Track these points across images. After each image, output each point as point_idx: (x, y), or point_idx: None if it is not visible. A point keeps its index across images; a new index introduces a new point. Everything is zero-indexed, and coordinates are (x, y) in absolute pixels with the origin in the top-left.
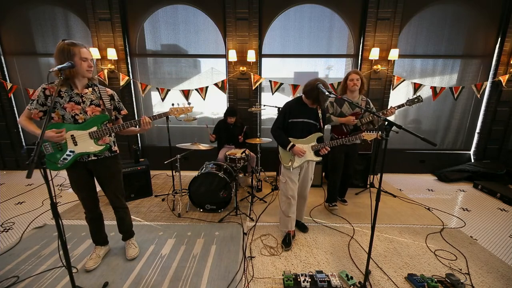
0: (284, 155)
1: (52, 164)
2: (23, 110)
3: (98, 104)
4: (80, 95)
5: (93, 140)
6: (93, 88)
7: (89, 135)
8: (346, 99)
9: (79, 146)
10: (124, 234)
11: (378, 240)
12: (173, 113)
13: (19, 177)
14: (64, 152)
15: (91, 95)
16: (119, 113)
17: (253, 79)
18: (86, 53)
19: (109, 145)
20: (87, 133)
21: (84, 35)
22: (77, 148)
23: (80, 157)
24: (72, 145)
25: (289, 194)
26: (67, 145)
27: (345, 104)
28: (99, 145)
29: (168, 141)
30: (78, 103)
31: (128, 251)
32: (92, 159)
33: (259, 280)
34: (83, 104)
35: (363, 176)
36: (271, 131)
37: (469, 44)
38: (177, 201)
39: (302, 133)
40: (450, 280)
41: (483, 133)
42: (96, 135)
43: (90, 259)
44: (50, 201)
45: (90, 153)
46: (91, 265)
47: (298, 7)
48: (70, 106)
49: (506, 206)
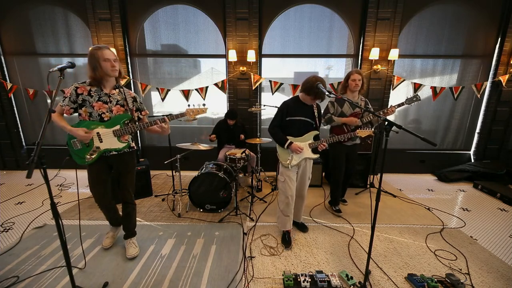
0: (282, 153)
1: (80, 159)
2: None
3: (123, 104)
4: (108, 95)
5: (116, 137)
6: (120, 89)
7: (113, 133)
8: (347, 99)
9: (104, 143)
10: (127, 232)
11: (378, 240)
12: (189, 113)
13: (19, 177)
14: (90, 148)
15: (118, 96)
16: (141, 113)
17: (253, 79)
18: (108, 54)
19: (130, 143)
20: (111, 131)
21: (84, 35)
22: (102, 145)
23: (105, 152)
24: (97, 141)
25: (288, 193)
26: (93, 142)
27: (345, 104)
28: (122, 142)
29: (168, 141)
30: (106, 102)
31: (129, 250)
32: (113, 154)
33: (259, 280)
34: (110, 104)
35: (363, 176)
36: (269, 129)
37: (469, 44)
38: (177, 201)
39: (299, 131)
40: (450, 280)
41: (483, 133)
42: (119, 133)
43: (106, 238)
44: (50, 201)
45: (113, 149)
46: (107, 243)
47: (298, 7)
48: (98, 105)
49: (506, 206)
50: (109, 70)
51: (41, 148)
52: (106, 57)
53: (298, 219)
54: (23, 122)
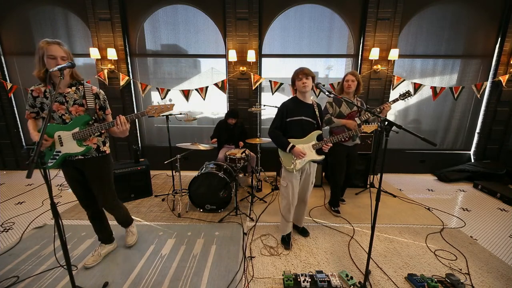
0: (285, 158)
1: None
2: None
3: (81, 103)
4: (63, 95)
5: (75, 141)
6: (77, 87)
7: (72, 136)
8: (345, 98)
9: (64, 147)
10: (121, 224)
11: (378, 240)
12: (151, 112)
13: (19, 177)
14: (52, 152)
15: (74, 94)
16: (104, 112)
17: (253, 79)
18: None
19: (91, 147)
20: (71, 134)
21: (84, 35)
22: (62, 149)
23: (68, 156)
24: (58, 145)
25: (290, 199)
26: (55, 146)
27: (343, 103)
28: (81, 146)
29: (168, 141)
30: (62, 103)
31: (126, 238)
32: (79, 158)
33: (259, 280)
34: (67, 104)
35: (363, 176)
36: (269, 132)
37: (469, 44)
38: (177, 201)
39: (301, 132)
40: (450, 280)
41: (483, 133)
42: (78, 136)
43: (91, 256)
44: (50, 201)
45: (74, 154)
46: (90, 262)
47: (298, 7)
48: (55, 106)
49: (506, 206)
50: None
51: (41, 148)
52: (51, 54)
53: (300, 224)
54: (23, 122)
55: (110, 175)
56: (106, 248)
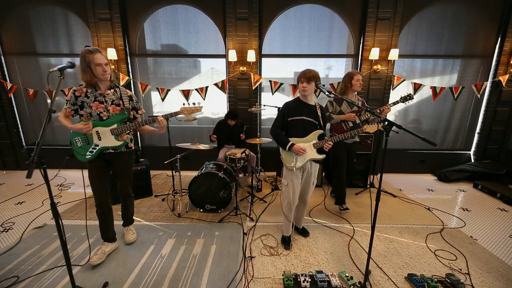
0: (285, 156)
1: (82, 156)
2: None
3: (118, 104)
4: (103, 95)
5: (113, 136)
6: (115, 89)
7: (111, 132)
8: (345, 98)
9: (103, 141)
10: (126, 220)
11: (378, 240)
12: (184, 112)
13: (19, 177)
14: (90, 145)
15: (113, 96)
16: (137, 112)
17: (253, 79)
18: (99, 58)
19: (127, 141)
20: (109, 129)
21: (84, 35)
22: (100, 143)
23: (104, 149)
24: (96, 139)
25: (290, 198)
26: (93, 140)
27: (343, 103)
28: (119, 141)
29: (168, 141)
30: (102, 102)
31: (127, 236)
32: (110, 152)
33: (259, 280)
34: (106, 103)
35: (363, 176)
36: (271, 131)
37: (469, 44)
38: (177, 201)
39: (302, 132)
40: (450, 280)
41: (483, 133)
42: (116, 131)
43: (95, 255)
44: (50, 201)
45: (111, 147)
46: (95, 260)
47: (298, 7)
48: (95, 105)
49: (506, 206)
50: (100, 75)
51: (41, 148)
52: (98, 62)
53: (299, 224)
54: (23, 122)
55: (132, 167)
56: (109, 246)
